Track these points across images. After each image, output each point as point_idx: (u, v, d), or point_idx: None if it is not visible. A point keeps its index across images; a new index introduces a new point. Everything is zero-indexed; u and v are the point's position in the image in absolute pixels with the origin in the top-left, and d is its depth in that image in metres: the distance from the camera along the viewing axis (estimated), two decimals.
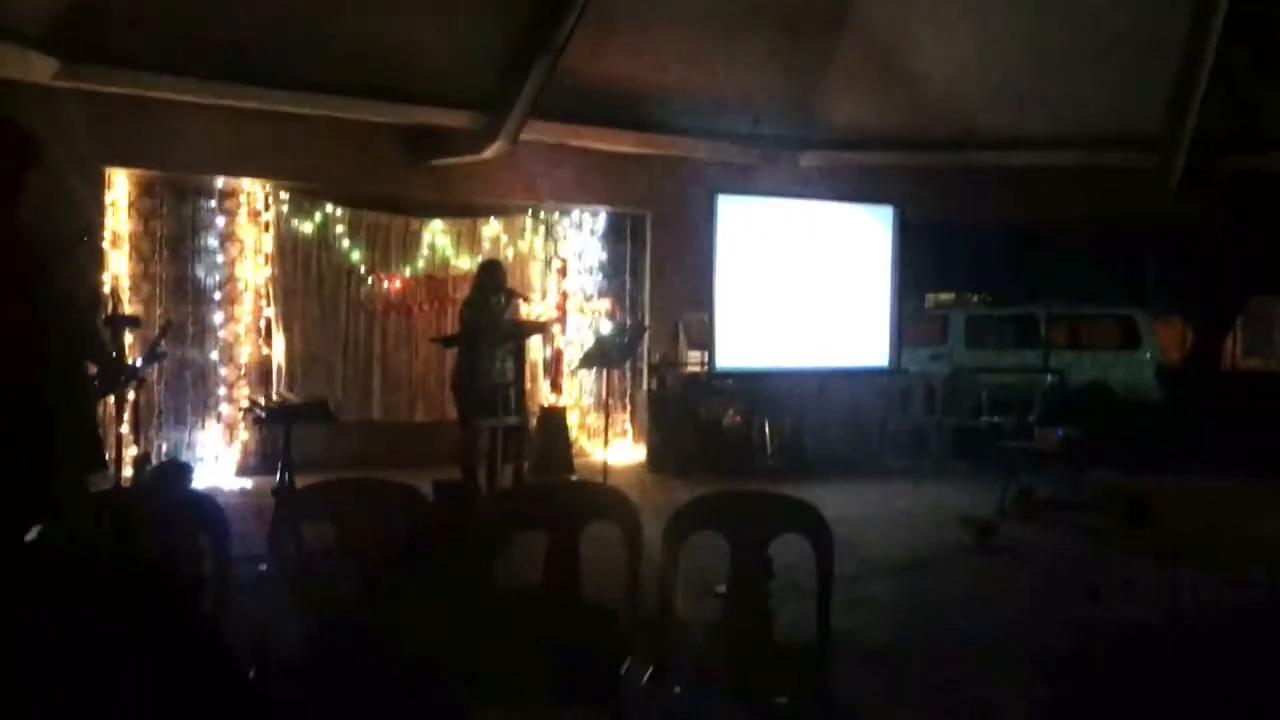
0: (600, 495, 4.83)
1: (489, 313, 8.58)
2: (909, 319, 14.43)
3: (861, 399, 11.60)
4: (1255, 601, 6.56)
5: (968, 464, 10.85)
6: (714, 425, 11.07)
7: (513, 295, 8.95)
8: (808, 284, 11.30)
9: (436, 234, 11.29)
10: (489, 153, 10.44)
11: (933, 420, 11.46)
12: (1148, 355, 15.25)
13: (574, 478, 9.94)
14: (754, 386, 11.28)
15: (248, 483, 9.92)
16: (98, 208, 9.53)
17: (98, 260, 9.47)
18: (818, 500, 8.45)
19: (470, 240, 11.44)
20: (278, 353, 10.59)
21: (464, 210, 11.41)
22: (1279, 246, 14.89)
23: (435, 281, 11.27)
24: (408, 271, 11.18)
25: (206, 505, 4.37)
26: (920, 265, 14.96)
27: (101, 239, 9.56)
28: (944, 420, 11.43)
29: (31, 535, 4.43)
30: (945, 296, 19.77)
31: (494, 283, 8.71)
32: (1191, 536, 8.24)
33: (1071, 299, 15.91)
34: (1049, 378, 12.63)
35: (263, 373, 10.54)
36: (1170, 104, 10.99)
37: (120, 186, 9.90)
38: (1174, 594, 6.56)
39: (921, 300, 18.49)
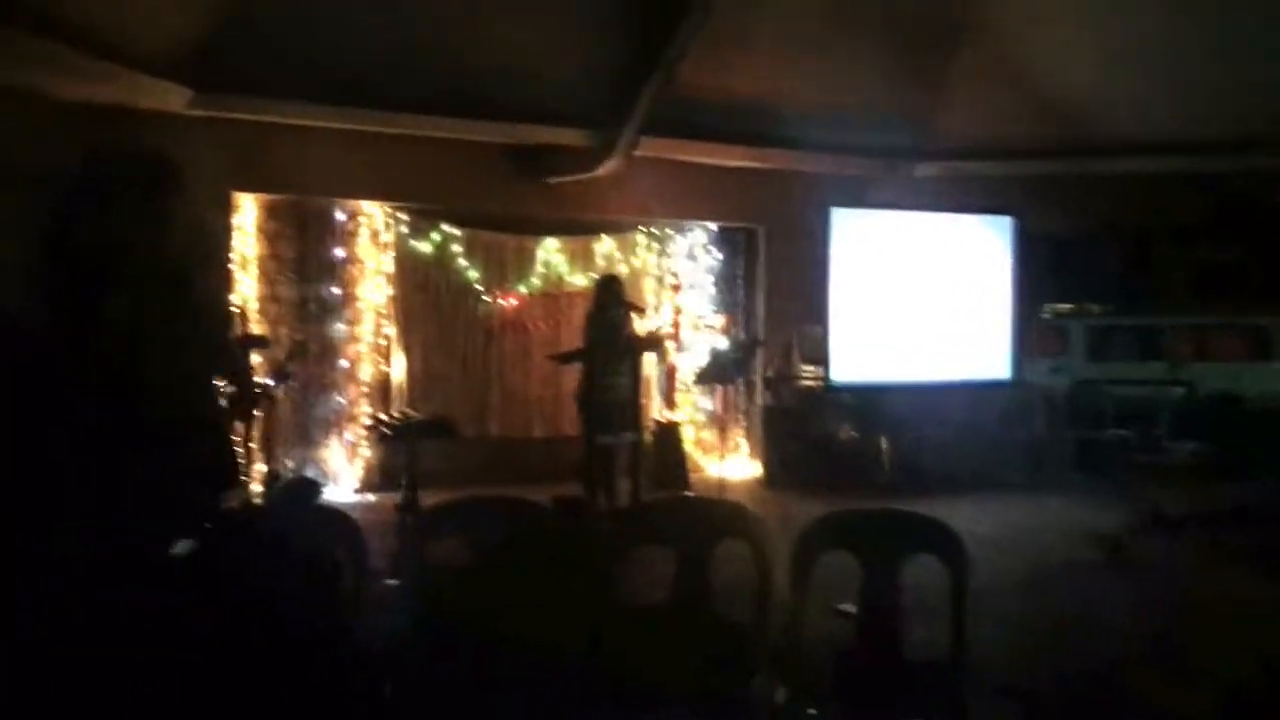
0: (731, 512, 4.80)
1: (609, 327, 8.62)
2: (1029, 330, 14.16)
3: (981, 412, 11.38)
4: None
5: (1091, 478, 10.59)
6: (830, 440, 10.98)
7: (630, 308, 8.99)
8: (924, 296, 11.17)
9: (551, 252, 11.39)
10: (603, 170, 10.50)
11: (1054, 434, 11.21)
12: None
13: (689, 493, 9.93)
14: (870, 400, 11.15)
15: (370, 498, 10.10)
16: (226, 231, 9.82)
17: (226, 282, 9.75)
18: (937, 516, 8.33)
19: (584, 257, 11.53)
20: (397, 371, 10.79)
21: (578, 227, 11.51)
22: None
23: (550, 299, 11.39)
24: (523, 289, 11.30)
25: (343, 521, 4.47)
26: (1038, 275, 14.67)
27: (229, 261, 9.85)
28: (1066, 434, 11.16)
29: (178, 550, 4.57)
30: (1063, 307, 19.31)
31: (613, 297, 8.77)
32: None
33: (1199, 309, 15.44)
34: (1177, 389, 12.28)
35: (383, 391, 10.74)
36: None
37: (247, 210, 10.19)
38: None
39: (1039, 311, 18.11)
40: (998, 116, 11.51)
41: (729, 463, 11.38)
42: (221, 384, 7.87)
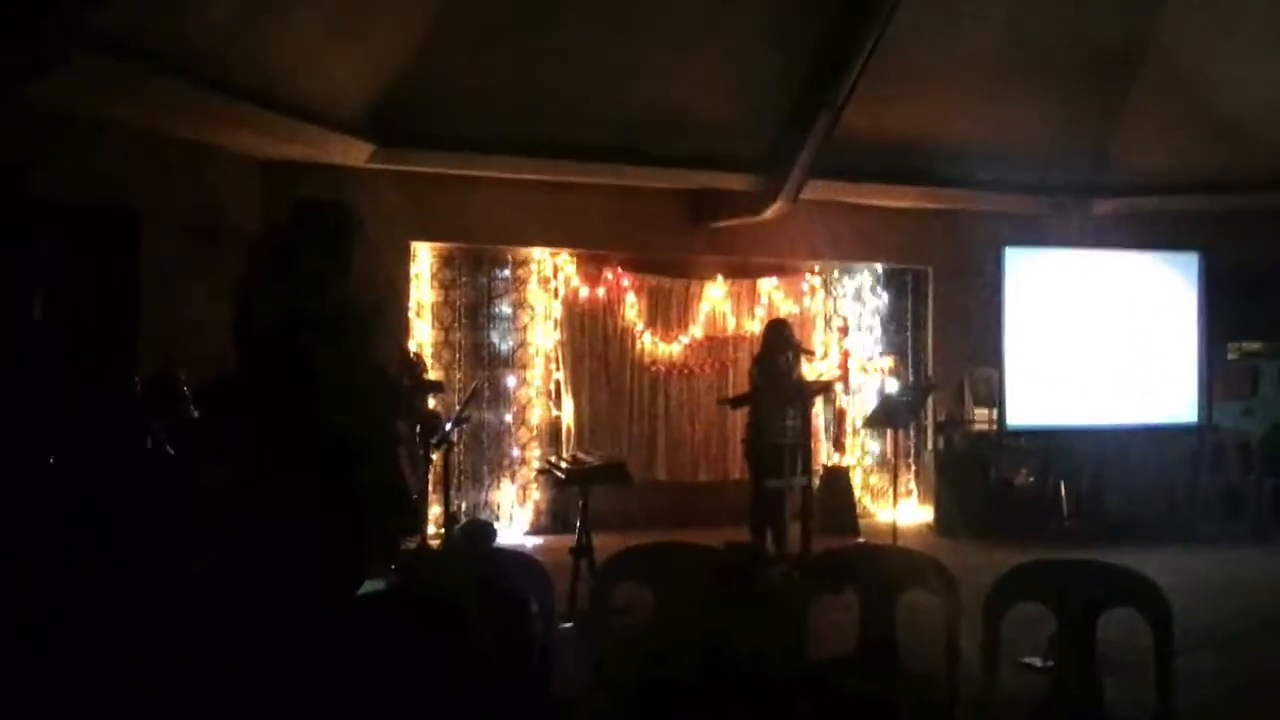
0: (915, 562, 4.69)
1: (777, 372, 8.58)
2: (1217, 371, 13.54)
3: (1166, 457, 10.90)
4: None
5: None
6: (1005, 485, 10.66)
7: (800, 352, 8.94)
8: (1104, 337, 10.78)
9: (716, 295, 11.40)
10: (769, 213, 10.48)
11: (1250, 481, 10.64)
12: None
13: (860, 539, 9.75)
14: (1048, 445, 10.80)
15: (539, 541, 10.21)
16: (405, 280, 10.12)
17: (405, 328, 10.03)
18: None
19: (749, 300, 11.50)
20: (566, 414, 10.91)
21: (743, 270, 11.50)
22: None
23: (715, 342, 11.38)
24: (689, 333, 11.32)
25: (532, 566, 4.52)
26: (1230, 313, 14.03)
27: (408, 308, 10.14)
28: (1264, 481, 10.59)
29: (368, 589, 4.68)
30: (1253, 345, 18.44)
31: (782, 341, 8.73)
32: None
33: None
34: None
35: (553, 434, 10.87)
36: None
37: (423, 259, 10.49)
38: None
39: (1226, 351, 17.32)
40: (1178, 149, 11.09)
41: (899, 508, 11.14)
42: (401, 429, 8.10)
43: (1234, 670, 6.25)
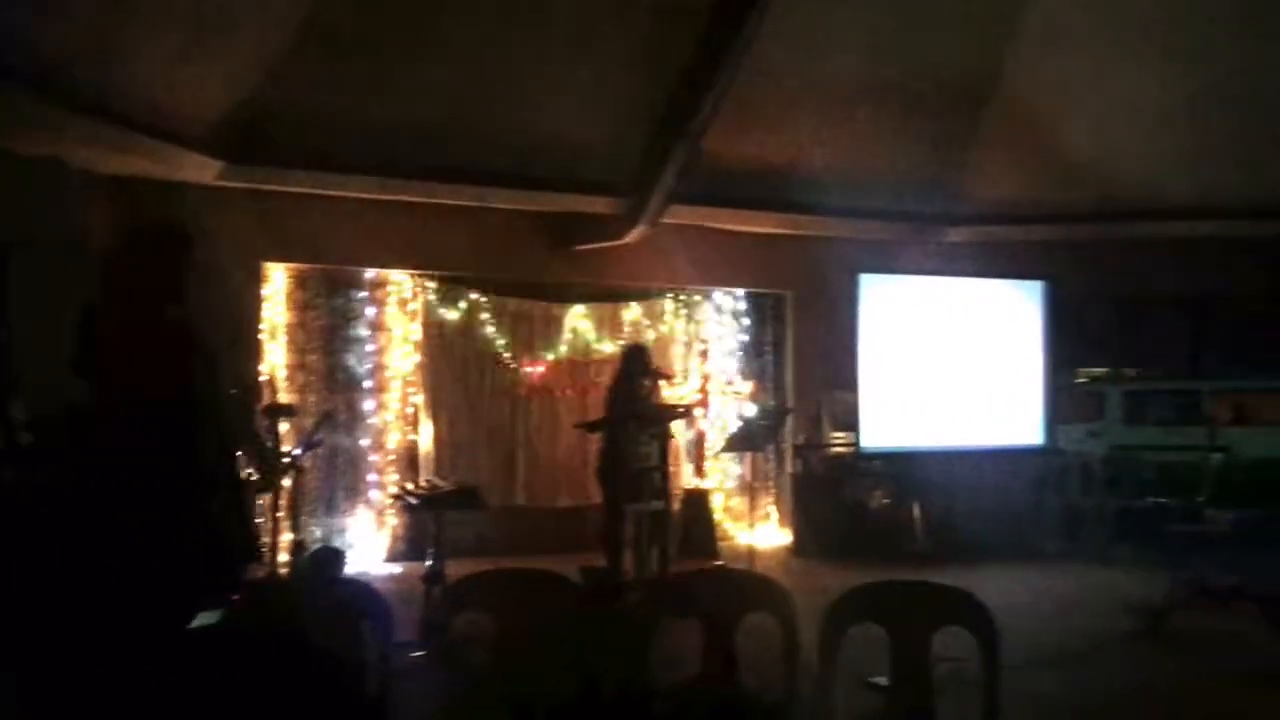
0: (757, 585, 4.71)
1: (635, 397, 8.59)
2: (1061, 395, 14.00)
3: (1015, 479, 11.21)
4: None
5: (1130, 548, 10.37)
6: (861, 508, 10.84)
7: (658, 376, 8.97)
8: (955, 362, 11.04)
9: (578, 318, 11.40)
10: (630, 237, 10.52)
11: (1091, 501, 11.01)
12: None
13: (718, 562, 9.80)
14: (902, 467, 11.01)
15: (396, 568, 10.02)
16: (256, 302, 9.87)
17: (255, 352, 9.77)
18: (971, 586, 8.20)
19: (611, 324, 11.52)
20: (424, 439, 10.76)
21: (605, 294, 11.52)
22: None
23: (577, 366, 11.36)
24: (550, 356, 11.28)
25: (369, 593, 4.42)
26: (1074, 340, 14.52)
27: (259, 331, 9.89)
28: (1104, 501, 10.96)
29: (199, 622, 4.52)
30: (1098, 371, 19.14)
31: (640, 365, 8.76)
32: None
33: (1234, 372, 15.24)
34: (1216, 455, 12.05)
35: (410, 459, 10.70)
36: None
37: (277, 280, 10.25)
38: None
39: (1074, 376, 17.94)
40: (1027, 180, 11.47)
41: (759, 531, 11.24)
42: (247, 454, 7.86)
43: (1068, 687, 6.42)
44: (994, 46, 10.53)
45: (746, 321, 12.23)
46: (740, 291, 12.16)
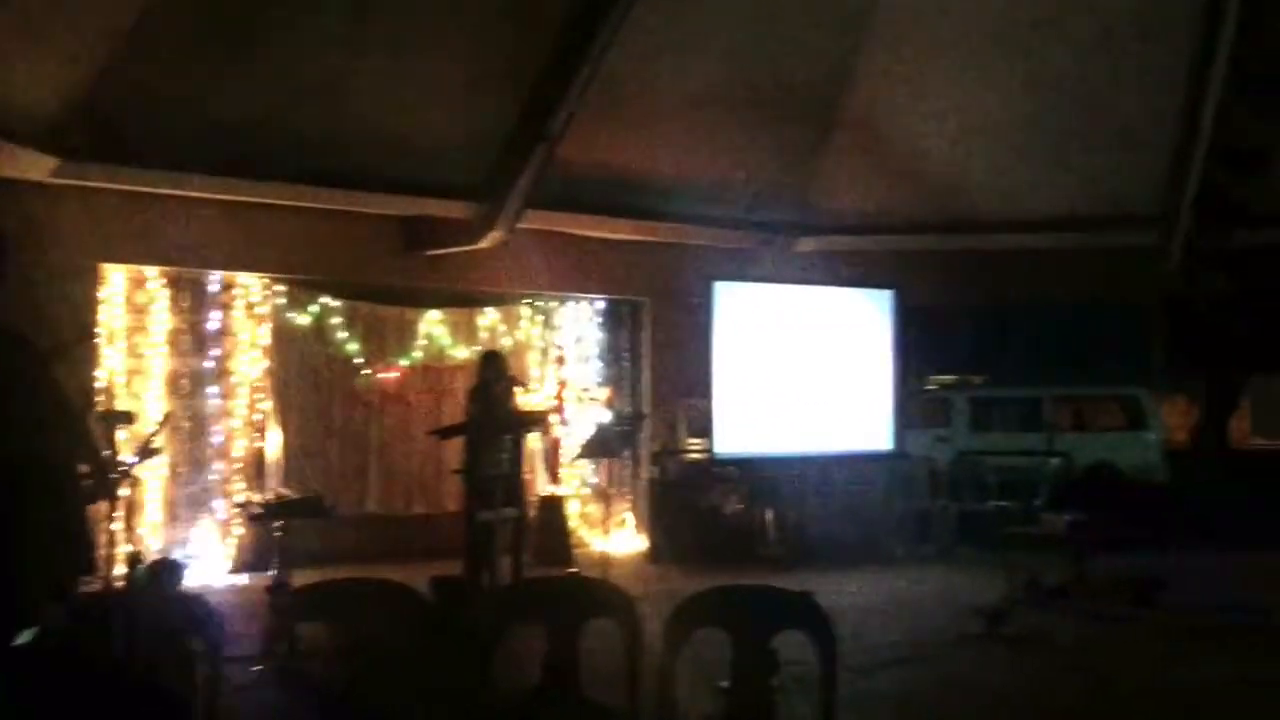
0: (599, 591, 4.71)
1: (491, 403, 8.53)
2: (911, 402, 14.35)
3: (865, 484, 11.45)
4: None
5: (974, 550, 10.68)
6: (715, 514, 10.92)
7: (513, 383, 8.92)
8: (808, 369, 11.22)
9: (433, 324, 11.26)
10: (485, 242, 10.43)
11: (938, 505, 11.31)
12: (1153, 435, 15.12)
13: (573, 569, 9.77)
14: (755, 473, 11.14)
15: (243, 580, 9.74)
16: (92, 304, 9.47)
17: (93, 357, 9.39)
18: (821, 589, 8.38)
19: (467, 330, 11.41)
20: (273, 447, 10.49)
21: (461, 300, 11.40)
22: None
23: (432, 372, 11.23)
24: (404, 362, 11.12)
25: (199, 606, 4.28)
26: (923, 348, 14.91)
27: (96, 335, 9.49)
28: (949, 505, 11.27)
29: (21, 639, 4.31)
30: (947, 379, 19.68)
31: (495, 372, 8.69)
32: (1199, 617, 8.20)
33: (1075, 380, 15.84)
34: (1054, 460, 12.50)
35: (257, 467, 10.42)
36: (1168, 182, 11.02)
37: (117, 282, 9.86)
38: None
39: (924, 383, 18.42)
40: (876, 192, 11.77)
41: (615, 538, 11.25)
42: (82, 462, 7.55)
43: (909, 686, 6.56)
44: (843, 60, 10.77)
45: (604, 328, 12.22)
46: (597, 298, 12.16)
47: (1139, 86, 10.73)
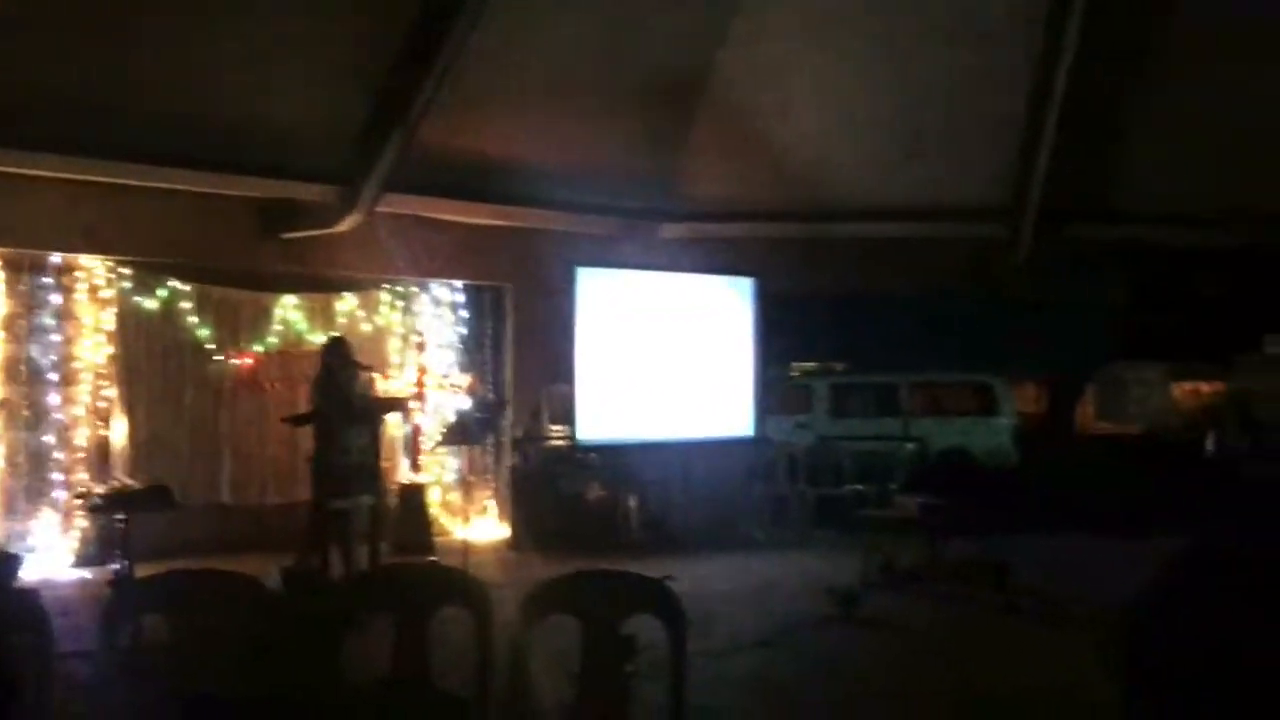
0: (449, 578, 4.65)
1: (339, 389, 8.35)
2: (773, 388, 14.54)
3: (726, 470, 11.54)
4: None
5: (831, 533, 10.87)
6: (577, 500, 10.90)
7: (359, 368, 8.76)
8: (670, 355, 11.25)
9: (289, 309, 10.98)
10: (343, 226, 10.19)
11: (796, 490, 11.48)
12: (1005, 421, 15.63)
13: (433, 558, 9.65)
14: (618, 460, 11.14)
15: (87, 573, 9.37)
16: None
17: None
18: (682, 573, 8.44)
19: (325, 315, 11.15)
20: (118, 436, 10.11)
21: (318, 285, 11.14)
22: (1130, 312, 15.48)
23: (289, 358, 10.93)
24: (259, 348, 10.82)
25: (27, 602, 4.11)
26: (786, 335, 15.12)
27: None
28: (807, 490, 11.45)
29: None
30: (809, 365, 20.04)
31: (340, 358, 8.52)
32: (1046, 597, 8.53)
33: (932, 367, 16.29)
34: (909, 445, 12.81)
35: (102, 457, 10.03)
36: (1018, 176, 11.33)
37: None
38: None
39: (787, 370, 18.71)
40: (739, 179, 11.83)
41: (477, 525, 11.16)
42: None
43: (765, 667, 6.65)
44: (708, 47, 10.81)
45: (466, 314, 12.08)
46: (459, 284, 12.01)
47: (993, 82, 10.98)
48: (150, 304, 10.29)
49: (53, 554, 9.65)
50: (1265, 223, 11.28)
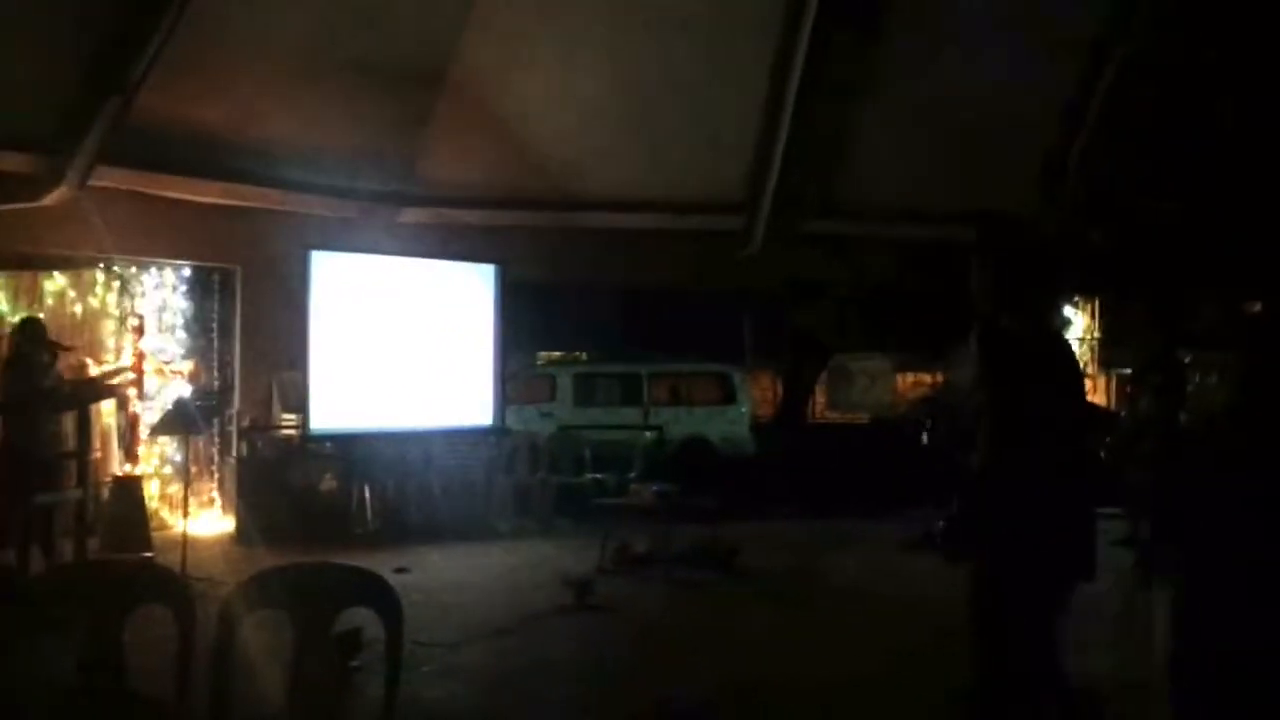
0: (147, 576, 4.34)
1: (34, 375, 7.74)
2: (516, 377, 14.45)
3: (467, 459, 11.36)
4: None
5: (572, 522, 10.88)
6: (309, 492, 10.49)
7: (59, 350, 8.15)
8: (409, 343, 10.93)
9: None
10: (51, 199, 9.48)
11: (537, 479, 11.42)
12: (743, 410, 16.07)
13: (149, 554, 9.08)
14: (353, 449, 10.78)
15: None
16: None
17: None
18: (417, 565, 8.25)
19: (30, 295, 10.33)
20: None
21: (23, 262, 10.30)
22: (857, 306, 16.15)
23: None
24: None
25: None
26: (530, 324, 15.05)
27: None
28: (548, 479, 11.41)
29: None
30: (554, 355, 20.08)
31: (34, 340, 7.90)
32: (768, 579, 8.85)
33: (672, 357, 16.58)
34: (648, 434, 12.97)
35: None
36: (753, 170, 11.63)
37: None
38: None
39: (532, 358, 18.67)
40: (483, 165, 11.70)
41: (201, 519, 10.60)
42: None
43: (497, 659, 6.55)
44: (450, 31, 10.62)
45: (190, 297, 11.44)
46: (183, 264, 11.35)
47: (732, 79, 11.26)
48: None
49: None
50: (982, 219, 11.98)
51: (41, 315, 9.03)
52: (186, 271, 11.42)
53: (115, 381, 9.69)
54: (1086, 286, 14.45)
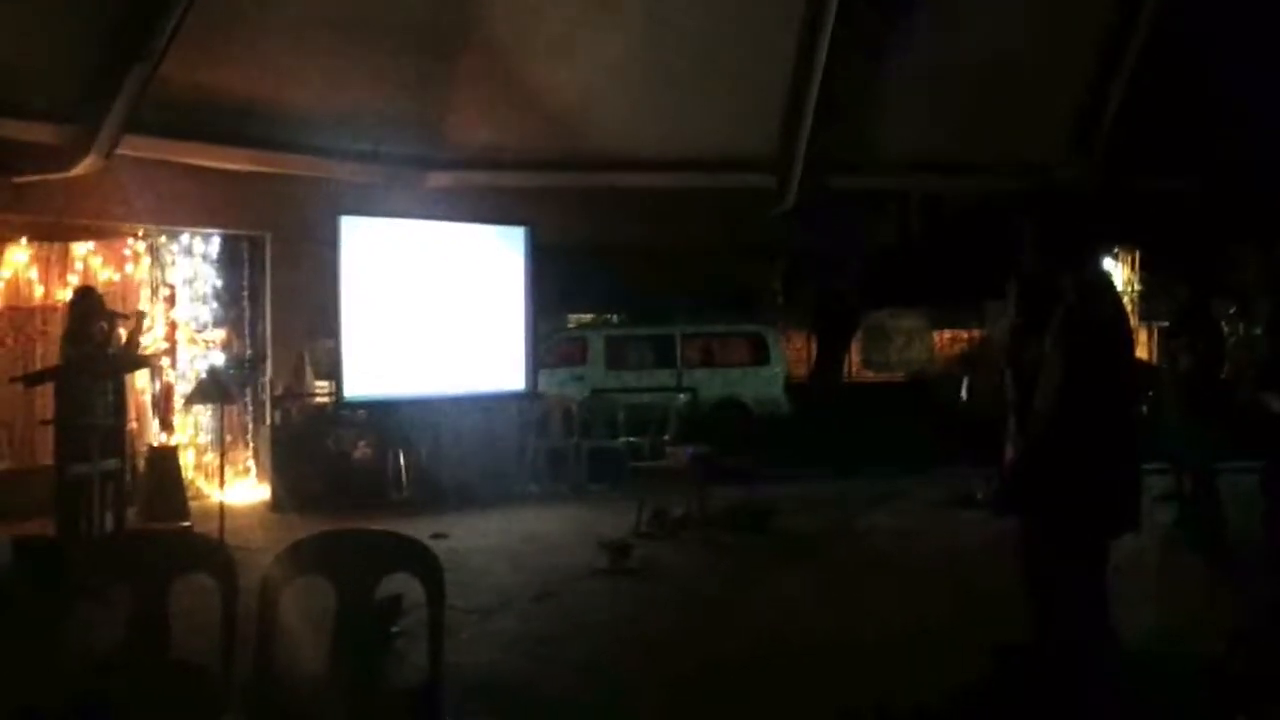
0: (190, 544, 4.33)
1: (88, 344, 7.75)
2: (547, 341, 14.42)
3: (499, 424, 11.31)
4: None
5: (606, 486, 10.86)
6: (343, 459, 10.51)
7: (115, 318, 8.16)
8: (439, 308, 10.88)
9: (19, 260, 10.13)
10: (79, 169, 9.44)
11: (570, 443, 11.39)
12: (777, 371, 15.99)
13: (187, 523, 9.12)
14: (385, 416, 10.77)
15: None
16: None
17: None
18: (454, 530, 8.21)
19: (61, 266, 10.35)
20: None
21: (53, 233, 10.30)
22: (891, 263, 16.02)
23: (19, 312, 10.10)
24: None
25: None
26: (560, 287, 14.98)
27: None
28: (581, 443, 11.38)
29: None
30: (585, 318, 20.02)
31: (93, 310, 7.92)
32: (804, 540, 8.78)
33: (706, 318, 16.51)
34: (682, 396, 12.90)
35: None
36: (784, 127, 11.47)
37: None
38: None
39: (564, 321, 18.64)
40: (510, 127, 11.58)
41: (236, 488, 10.63)
42: None
43: (534, 623, 6.55)
44: None
45: (220, 265, 11.41)
46: (214, 232, 11.32)
47: (763, 35, 11.08)
48: None
49: None
50: (1019, 170, 11.80)
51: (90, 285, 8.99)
52: (216, 240, 11.39)
53: (150, 351, 9.71)
54: (1126, 237, 14.25)
